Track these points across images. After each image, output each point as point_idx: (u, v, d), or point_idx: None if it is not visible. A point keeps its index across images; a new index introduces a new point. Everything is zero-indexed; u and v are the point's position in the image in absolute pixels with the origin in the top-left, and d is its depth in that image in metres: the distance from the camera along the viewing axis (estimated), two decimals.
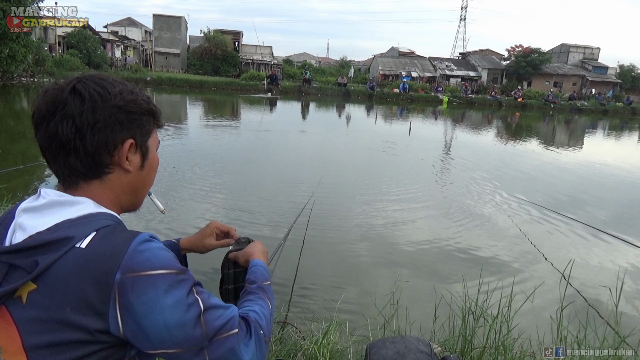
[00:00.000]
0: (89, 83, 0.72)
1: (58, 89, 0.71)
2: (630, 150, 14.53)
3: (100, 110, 0.71)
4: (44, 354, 0.63)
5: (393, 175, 7.43)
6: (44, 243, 0.64)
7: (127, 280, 0.64)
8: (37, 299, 0.64)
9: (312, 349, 1.89)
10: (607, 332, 1.91)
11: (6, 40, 16.18)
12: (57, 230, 0.66)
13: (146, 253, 0.67)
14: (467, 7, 56.76)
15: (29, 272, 0.63)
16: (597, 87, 34.19)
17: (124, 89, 0.75)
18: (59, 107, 0.69)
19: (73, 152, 0.70)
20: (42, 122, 0.70)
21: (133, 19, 36.34)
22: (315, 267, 3.73)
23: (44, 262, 0.63)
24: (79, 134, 0.69)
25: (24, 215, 0.69)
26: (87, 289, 0.63)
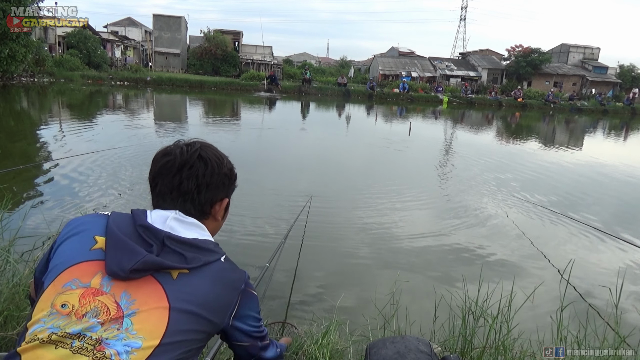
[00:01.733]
0: (209, 152, 0.98)
1: (186, 151, 0.95)
2: (630, 149, 14.53)
3: (215, 175, 0.97)
4: (182, 317, 0.83)
5: (393, 175, 7.43)
6: (205, 248, 0.91)
7: (246, 291, 0.97)
8: (188, 280, 0.86)
9: (312, 349, 1.89)
10: (607, 332, 1.91)
11: (6, 40, 16.16)
12: (209, 244, 0.93)
13: (249, 279, 0.99)
14: (467, 7, 56.81)
15: (189, 262, 0.87)
16: (597, 87, 34.18)
17: (228, 160, 1.05)
18: (186, 166, 0.94)
19: (190, 200, 0.95)
20: (168, 174, 0.94)
21: (133, 19, 36.34)
22: (315, 267, 3.73)
23: (205, 260, 0.89)
24: (197, 189, 0.95)
25: (174, 222, 0.92)
26: (227, 289, 0.92)
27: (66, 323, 0.78)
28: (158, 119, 13.42)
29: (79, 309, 0.79)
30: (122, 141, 8.10)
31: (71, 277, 0.83)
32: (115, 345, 0.77)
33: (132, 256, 0.82)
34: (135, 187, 5.33)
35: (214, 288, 0.89)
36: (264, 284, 3.13)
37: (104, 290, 0.81)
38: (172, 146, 0.98)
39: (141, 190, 5.24)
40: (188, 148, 0.96)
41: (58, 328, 0.77)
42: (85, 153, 6.32)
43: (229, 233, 4.24)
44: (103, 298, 0.81)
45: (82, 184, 5.41)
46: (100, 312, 0.79)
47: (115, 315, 0.79)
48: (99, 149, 6.82)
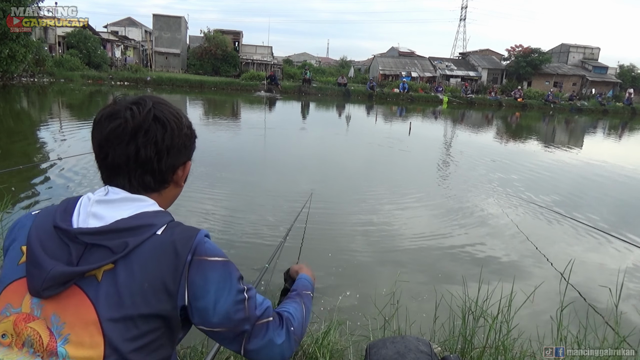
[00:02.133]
0: (165, 110, 0.84)
1: (138, 113, 0.80)
2: (630, 150, 14.52)
3: (176, 137, 0.84)
4: (118, 327, 0.71)
5: (393, 175, 7.43)
6: (133, 227, 0.75)
7: (195, 261, 0.77)
8: (114, 277, 0.72)
9: (312, 349, 1.89)
10: (607, 332, 1.91)
11: (6, 40, 16.16)
12: (141, 218, 0.77)
13: (207, 244, 0.80)
14: (467, 7, 56.78)
15: (115, 252, 0.73)
16: (597, 87, 34.17)
17: (186, 118, 0.89)
18: (141, 131, 0.79)
19: (150, 171, 0.82)
20: (119, 143, 0.79)
21: (133, 19, 36.32)
22: (315, 267, 3.72)
23: (133, 242, 0.74)
24: (157, 156, 0.81)
25: (98, 206, 0.78)
26: (163, 268, 0.75)
27: (8, 355, 0.71)
28: None
29: (16, 338, 0.71)
30: None
31: (5, 301, 0.74)
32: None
33: (39, 272, 0.70)
34: None
35: (147, 272, 0.73)
36: (264, 284, 3.13)
37: (35, 315, 0.72)
38: (118, 106, 0.81)
39: None
40: (139, 108, 0.80)
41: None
42: (85, 153, 6.32)
43: (229, 235, 4.24)
44: (35, 324, 0.71)
45: (82, 183, 5.41)
46: (34, 341, 0.71)
47: (49, 346, 0.70)
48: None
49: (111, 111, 0.81)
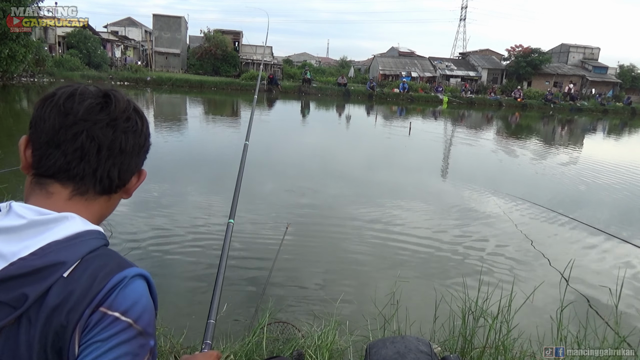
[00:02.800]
0: (134, 104, 0.70)
1: (120, 96, 0.68)
2: (629, 149, 14.52)
3: (147, 138, 0.72)
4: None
5: (393, 175, 7.43)
6: (31, 271, 0.57)
7: (95, 314, 0.58)
8: (10, 334, 0.57)
9: (312, 349, 1.89)
10: (607, 332, 1.91)
11: (6, 40, 16.17)
12: (45, 255, 0.58)
13: (126, 292, 0.60)
14: (467, 7, 56.71)
15: (14, 307, 0.56)
16: (597, 87, 34.16)
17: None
18: (122, 119, 0.67)
19: (118, 165, 0.68)
20: (96, 123, 0.65)
21: (133, 19, 36.33)
22: (315, 267, 3.73)
23: (33, 293, 0.56)
24: (134, 150, 0.69)
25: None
26: (62, 324, 0.57)
27: None
28: (158, 118, 13.41)
29: None
30: None
31: None
32: None
33: None
34: None
35: (49, 329, 0.57)
36: (264, 284, 3.13)
37: None
38: (82, 87, 0.67)
39: (141, 190, 5.24)
40: (119, 93, 0.69)
41: None
42: None
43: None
44: None
45: None
46: None
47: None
48: None
49: (76, 90, 0.66)
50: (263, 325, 2.11)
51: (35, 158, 0.66)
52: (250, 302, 3.02)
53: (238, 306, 2.95)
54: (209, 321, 1.10)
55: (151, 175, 4.78)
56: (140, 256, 3.55)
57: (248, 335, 2.07)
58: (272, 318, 2.29)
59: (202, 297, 3.02)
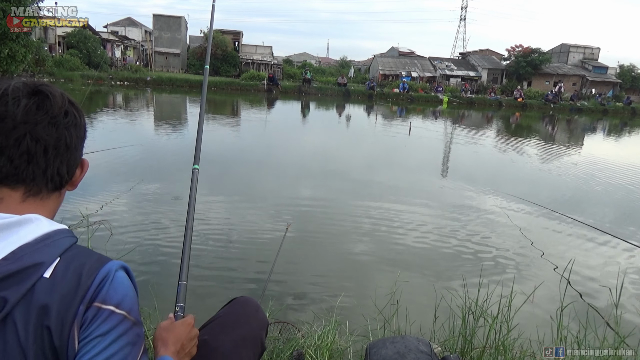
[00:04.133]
0: (74, 101, 0.70)
1: (57, 92, 0.67)
2: (630, 149, 14.52)
3: (85, 126, 0.72)
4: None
5: (393, 174, 7.43)
6: (9, 274, 0.56)
7: (90, 310, 0.59)
8: (1, 335, 0.56)
9: (312, 349, 1.89)
10: (607, 332, 1.91)
11: (6, 40, 16.17)
12: (19, 259, 0.58)
13: (114, 285, 0.62)
14: (467, 7, 56.75)
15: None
16: (597, 87, 34.16)
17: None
18: (61, 114, 0.66)
19: (66, 162, 0.68)
20: (40, 122, 0.64)
21: (133, 19, 36.33)
22: (315, 267, 3.73)
23: (13, 297, 0.56)
24: (76, 144, 0.69)
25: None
26: (53, 323, 0.57)
27: None
28: (158, 118, 13.42)
29: None
30: (122, 141, 8.10)
31: None
32: None
33: None
34: (136, 187, 5.33)
35: (36, 328, 0.57)
36: (264, 284, 3.13)
37: None
38: (12, 83, 0.65)
39: (142, 190, 5.24)
40: (53, 89, 0.67)
41: None
42: (85, 153, 6.33)
43: (228, 234, 4.24)
44: None
45: (81, 183, 5.40)
46: None
47: None
48: (99, 149, 6.82)
49: (12, 89, 0.64)
50: None
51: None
52: None
53: None
54: (180, 282, 1.06)
55: (152, 174, 4.78)
56: (142, 253, 3.55)
57: None
58: (272, 318, 2.29)
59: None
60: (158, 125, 11.85)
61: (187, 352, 0.85)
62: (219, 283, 3.27)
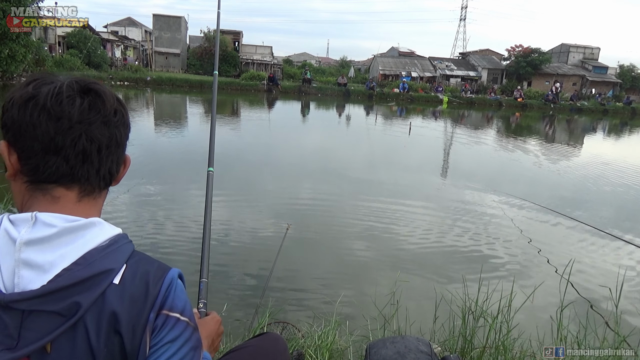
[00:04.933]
0: (115, 95, 0.70)
1: (110, 94, 0.67)
2: (630, 149, 14.52)
3: (130, 123, 0.73)
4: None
5: (393, 174, 7.43)
6: (82, 280, 0.58)
7: (160, 318, 0.64)
8: (67, 343, 0.58)
9: (312, 349, 1.89)
10: (607, 332, 1.91)
11: (6, 40, 16.18)
12: (91, 264, 0.60)
13: (177, 293, 0.66)
14: (467, 7, 56.74)
15: (65, 315, 0.58)
16: (597, 87, 34.16)
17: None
18: (112, 113, 0.67)
19: (116, 160, 0.69)
20: (94, 122, 0.65)
21: (133, 19, 36.34)
22: (315, 267, 3.73)
23: (86, 301, 0.58)
24: (124, 142, 0.70)
25: (30, 250, 0.58)
26: (123, 328, 0.60)
27: None
28: (158, 118, 13.42)
29: None
30: None
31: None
32: None
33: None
34: (135, 188, 5.33)
35: (106, 334, 0.59)
36: (264, 284, 3.13)
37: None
38: (62, 79, 0.66)
39: (142, 190, 5.24)
40: (105, 88, 0.68)
41: None
42: None
43: (228, 234, 4.24)
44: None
45: None
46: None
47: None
48: None
49: (63, 87, 0.64)
50: (263, 325, 2.11)
51: (29, 166, 0.63)
52: (250, 302, 3.02)
53: (238, 306, 2.95)
54: (202, 280, 1.13)
55: (152, 174, 4.77)
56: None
57: (248, 335, 2.07)
58: (272, 318, 2.29)
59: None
60: (158, 124, 11.85)
61: (215, 347, 0.96)
62: (219, 283, 3.27)
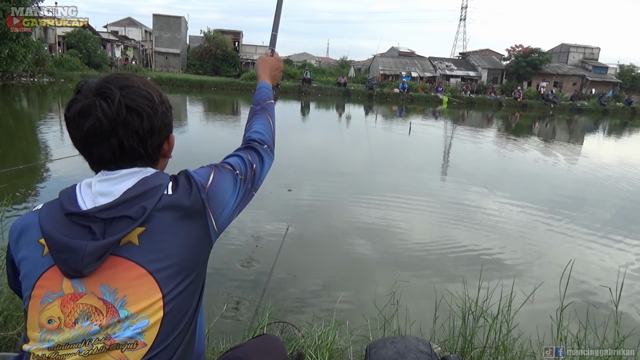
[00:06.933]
0: (135, 97, 0.83)
1: (109, 109, 0.80)
2: (630, 149, 14.52)
3: (154, 120, 0.85)
4: (168, 274, 0.79)
5: (393, 174, 7.42)
6: (144, 192, 0.80)
7: (207, 195, 0.87)
8: (150, 238, 0.79)
9: (312, 349, 1.89)
10: (607, 332, 1.91)
11: (6, 40, 16.18)
12: (146, 183, 0.82)
13: (197, 174, 0.90)
14: (467, 7, 56.79)
15: (135, 218, 0.77)
16: (597, 87, 34.15)
17: (158, 94, 0.89)
18: (119, 126, 0.80)
19: (138, 157, 0.85)
20: (100, 140, 0.81)
21: (133, 19, 36.33)
22: (315, 267, 3.73)
23: (150, 205, 0.79)
24: (142, 143, 0.84)
25: (101, 185, 0.82)
26: (188, 217, 0.83)
27: (61, 336, 0.76)
28: None
29: (66, 319, 0.76)
30: None
31: (43, 291, 0.78)
32: (124, 334, 0.76)
33: (74, 255, 0.75)
34: None
35: (178, 224, 0.81)
36: (264, 284, 3.13)
37: (81, 292, 0.77)
38: (86, 101, 0.80)
39: None
40: (108, 102, 0.80)
41: (53, 342, 0.76)
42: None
43: (227, 234, 4.24)
44: (85, 300, 0.77)
45: None
46: (90, 314, 0.76)
47: (109, 312, 0.76)
48: None
49: (81, 108, 0.80)
50: (263, 325, 2.11)
51: None
52: (250, 302, 3.03)
53: (238, 306, 2.96)
54: (273, 33, 1.39)
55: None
56: None
57: (248, 335, 2.07)
58: (272, 318, 2.29)
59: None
60: None
61: (275, 77, 1.34)
62: (219, 283, 3.27)
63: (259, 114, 1.19)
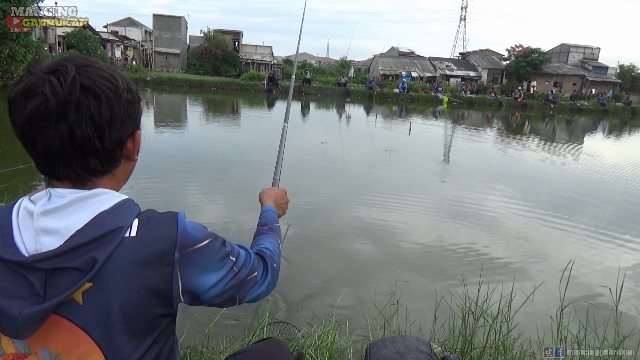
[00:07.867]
0: (94, 76, 0.67)
1: (59, 86, 0.64)
2: (630, 149, 14.52)
3: (115, 107, 0.69)
4: (118, 344, 0.66)
5: (393, 174, 7.43)
6: (96, 237, 0.65)
7: (184, 256, 0.70)
8: (98, 294, 0.65)
9: (312, 349, 1.89)
10: (607, 332, 1.91)
11: (6, 40, 16.18)
12: (102, 224, 0.67)
13: (190, 229, 0.73)
14: (467, 7, 56.67)
15: (83, 270, 0.64)
16: (597, 87, 34.14)
17: (122, 77, 0.73)
18: (69, 108, 0.65)
19: (92, 152, 0.69)
20: (45, 126, 0.65)
21: (133, 19, 36.31)
22: (315, 267, 3.73)
23: (101, 256, 0.65)
24: (97, 134, 0.68)
25: (46, 218, 0.66)
26: (150, 274, 0.67)
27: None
28: (158, 117, 13.41)
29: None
30: None
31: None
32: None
33: (7, 319, 0.63)
34: (135, 186, 5.33)
35: (133, 282, 0.66)
36: None
37: (24, 352, 0.67)
38: (33, 77, 0.65)
39: (142, 188, 5.24)
40: (60, 79, 0.65)
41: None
42: None
43: (227, 234, 4.24)
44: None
45: None
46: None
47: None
48: None
49: (26, 86, 0.65)
50: (263, 325, 2.11)
51: None
52: None
53: (238, 306, 2.95)
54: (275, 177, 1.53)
55: (152, 172, 4.78)
56: None
57: (248, 335, 2.07)
58: (272, 318, 2.29)
59: None
60: (158, 124, 11.85)
61: (281, 209, 1.31)
62: None
63: (267, 233, 1.06)
